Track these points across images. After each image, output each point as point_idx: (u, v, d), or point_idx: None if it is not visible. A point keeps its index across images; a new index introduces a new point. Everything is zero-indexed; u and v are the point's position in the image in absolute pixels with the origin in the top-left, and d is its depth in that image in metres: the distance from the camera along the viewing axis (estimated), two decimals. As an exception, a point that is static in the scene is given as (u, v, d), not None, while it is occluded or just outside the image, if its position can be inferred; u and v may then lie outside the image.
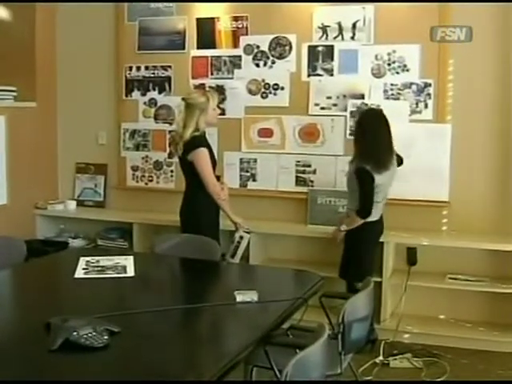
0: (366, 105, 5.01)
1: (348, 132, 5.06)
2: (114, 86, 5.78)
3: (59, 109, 6.02)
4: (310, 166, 5.18)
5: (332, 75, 5.10)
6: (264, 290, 3.13)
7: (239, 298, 2.98)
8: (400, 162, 4.51)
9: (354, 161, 4.34)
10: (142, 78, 5.66)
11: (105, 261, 3.67)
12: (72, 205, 5.90)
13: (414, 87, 4.92)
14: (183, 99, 4.42)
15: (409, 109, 4.95)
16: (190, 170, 4.39)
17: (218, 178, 4.56)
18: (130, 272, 3.48)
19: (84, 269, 3.51)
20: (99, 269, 3.53)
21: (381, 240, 4.73)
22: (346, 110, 5.06)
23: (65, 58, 5.95)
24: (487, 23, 4.76)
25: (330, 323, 3.31)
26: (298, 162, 5.24)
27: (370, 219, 4.36)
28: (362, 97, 5.02)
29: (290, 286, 3.56)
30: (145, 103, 5.67)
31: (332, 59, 5.07)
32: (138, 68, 5.66)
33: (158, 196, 5.68)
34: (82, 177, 6.06)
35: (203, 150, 4.31)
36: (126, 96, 5.72)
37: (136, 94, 5.69)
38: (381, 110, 4.49)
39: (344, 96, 5.07)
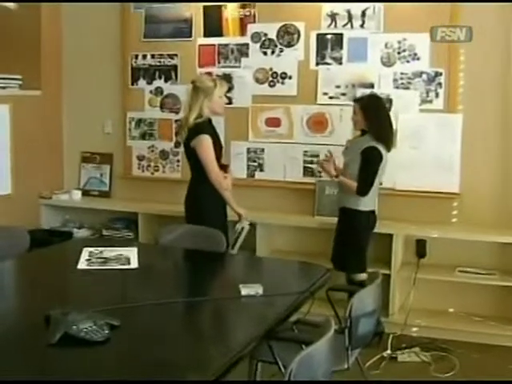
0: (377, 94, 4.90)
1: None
2: (119, 74, 5.71)
3: (64, 97, 5.97)
4: (318, 156, 5.09)
5: (341, 64, 5.01)
6: (269, 282, 3.08)
7: (244, 291, 2.91)
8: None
9: (361, 140, 4.32)
10: (148, 67, 5.58)
11: (108, 252, 3.60)
12: (77, 194, 5.84)
13: (424, 76, 4.83)
14: (192, 82, 4.34)
15: (419, 98, 4.86)
16: (193, 158, 4.30)
17: (226, 167, 4.47)
18: (134, 263, 3.41)
19: (87, 260, 3.44)
20: (102, 260, 3.46)
21: (389, 232, 4.67)
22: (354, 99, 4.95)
23: (70, 47, 5.88)
24: (500, 10, 4.65)
25: (337, 317, 3.24)
26: (306, 152, 5.16)
27: (365, 208, 4.33)
28: (372, 86, 4.93)
29: (296, 278, 3.48)
30: (151, 92, 5.60)
31: (341, 47, 4.98)
32: (144, 56, 5.58)
33: (164, 186, 5.61)
34: (87, 166, 6.00)
35: (205, 137, 4.21)
36: (132, 84, 5.65)
37: (142, 83, 5.62)
38: (379, 95, 4.63)
39: (353, 85, 4.98)
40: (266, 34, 5.16)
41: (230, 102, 5.21)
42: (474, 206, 4.80)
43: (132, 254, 3.58)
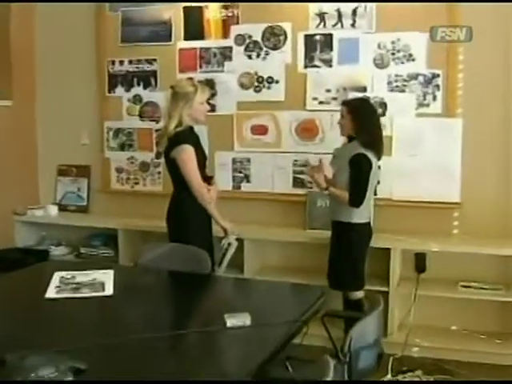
0: (369, 98, 4.59)
1: (346, 128, 4.64)
2: (96, 81, 5.39)
3: (38, 107, 5.65)
4: (308, 165, 4.75)
5: (331, 66, 4.70)
6: (258, 310, 2.79)
7: (230, 322, 2.59)
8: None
9: (349, 147, 4.04)
10: (126, 73, 5.26)
11: (81, 276, 3.29)
12: (53, 210, 5.51)
13: (420, 78, 4.52)
14: (171, 87, 4.03)
15: (415, 102, 4.55)
16: (174, 169, 3.99)
17: (210, 178, 4.16)
18: (109, 290, 3.10)
19: (57, 287, 3.13)
20: (74, 286, 3.14)
21: (386, 246, 4.36)
22: (346, 104, 4.64)
23: (43, 53, 5.57)
24: (500, 8, 4.34)
25: (334, 345, 2.91)
26: (296, 161, 4.84)
27: (359, 220, 4.04)
28: (364, 89, 4.62)
29: (288, 304, 3.13)
30: (129, 100, 5.27)
31: (331, 49, 4.67)
32: (122, 62, 5.26)
33: (145, 200, 5.28)
34: (63, 180, 5.67)
35: (186, 147, 3.90)
36: (109, 92, 5.33)
37: (120, 90, 5.29)
38: (369, 99, 4.42)
39: (344, 89, 4.66)
40: (250, 36, 4.85)
41: (213, 110, 4.90)
42: (476, 216, 4.49)
43: (107, 278, 3.28)
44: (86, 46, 5.37)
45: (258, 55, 4.84)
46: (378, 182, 4.52)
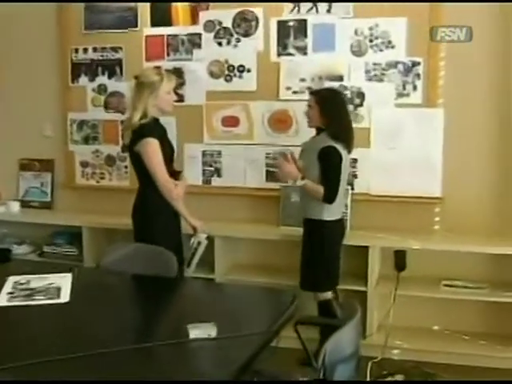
0: (346, 88, 4.36)
1: (325, 119, 4.40)
2: (58, 71, 5.08)
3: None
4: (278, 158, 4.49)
5: (305, 54, 4.44)
6: (226, 318, 2.59)
7: (193, 333, 2.37)
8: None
9: (317, 140, 3.84)
10: (90, 62, 4.96)
11: (36, 281, 3.06)
12: (15, 206, 5.22)
13: (400, 66, 4.28)
14: (135, 77, 3.79)
15: (394, 91, 4.31)
16: (138, 164, 3.75)
17: (178, 173, 3.92)
18: (65, 296, 2.88)
19: (9, 293, 2.91)
20: (27, 292, 2.91)
21: (364, 244, 4.14)
22: (322, 93, 4.39)
23: (2, 41, 5.21)
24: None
25: (307, 354, 2.70)
26: (269, 154, 4.59)
27: (331, 217, 3.84)
28: (341, 78, 4.38)
29: (258, 311, 2.87)
30: (93, 90, 4.98)
31: (305, 36, 4.41)
32: (85, 50, 4.96)
33: (112, 195, 5.01)
34: (26, 174, 5.37)
35: (151, 140, 3.66)
36: (73, 82, 5.03)
37: (83, 80, 5.00)
38: (338, 89, 4.20)
39: (320, 78, 4.41)
40: (220, 23, 4.58)
41: (182, 100, 4.67)
42: (458, 211, 4.27)
43: (65, 282, 3.06)
44: (47, 34, 5.04)
45: (229, 42, 4.57)
46: (355, 176, 4.34)
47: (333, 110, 3.81)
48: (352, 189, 4.37)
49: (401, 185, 4.33)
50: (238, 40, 4.55)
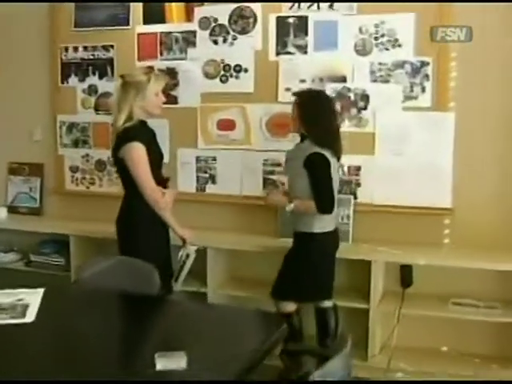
0: (349, 90, 4.05)
1: (327, 123, 4.10)
2: (47, 70, 4.82)
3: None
4: (280, 165, 4.20)
5: (306, 53, 4.14)
6: (201, 346, 2.32)
7: (160, 364, 2.09)
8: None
9: (302, 148, 3.55)
10: (80, 61, 4.70)
11: (4, 297, 2.83)
12: (2, 212, 4.99)
13: (407, 67, 3.96)
14: (121, 76, 3.54)
15: (401, 94, 3.99)
16: (123, 171, 3.51)
17: (166, 181, 3.65)
18: (30, 316, 2.63)
19: (-29, 309, 2.65)
20: (-8, 310, 2.66)
21: (367, 258, 3.83)
22: (323, 95, 4.09)
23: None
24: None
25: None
26: (266, 160, 4.29)
27: (322, 229, 3.55)
28: (344, 79, 4.07)
29: (243, 339, 2.55)
30: (84, 91, 4.72)
31: (306, 33, 4.11)
32: (76, 49, 4.70)
33: (102, 202, 4.72)
34: (15, 179, 5.11)
35: (136, 145, 3.40)
36: (62, 82, 4.77)
37: (73, 80, 4.74)
38: (324, 91, 3.86)
39: (321, 79, 4.11)
40: (216, 20, 4.29)
41: (175, 102, 4.39)
42: (469, 223, 3.94)
43: (34, 299, 2.82)
44: (38, 30, 4.79)
45: (225, 40, 4.29)
46: (359, 185, 4.06)
47: (315, 113, 3.51)
48: (355, 198, 4.07)
49: (407, 194, 4.01)
50: (235, 38, 4.26)
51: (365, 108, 4.03)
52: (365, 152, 4.01)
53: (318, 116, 3.51)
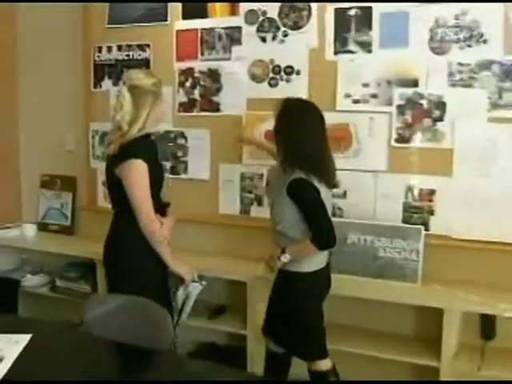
0: (422, 96, 3.32)
1: (394, 136, 3.39)
2: (80, 73, 4.30)
3: (21, 105, 4.66)
4: (337, 186, 3.52)
5: (370, 52, 3.43)
6: None
7: None
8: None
9: (284, 172, 2.86)
10: (115, 62, 4.15)
11: None
12: (31, 230, 4.51)
13: (495, 68, 3.19)
14: (130, 81, 2.95)
15: (487, 101, 3.22)
16: (117, 191, 2.94)
17: (166, 206, 3.10)
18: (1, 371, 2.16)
19: None
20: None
21: (439, 306, 3.08)
22: (390, 103, 3.39)
23: (26, 40, 4.56)
24: None
25: None
26: (322, 179, 3.59)
27: (309, 269, 2.91)
28: (415, 83, 3.35)
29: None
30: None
31: (370, 28, 3.41)
32: (109, 48, 4.16)
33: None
34: (47, 193, 4.62)
35: (139, 164, 2.85)
36: (95, 87, 4.23)
37: (107, 84, 4.21)
38: (312, 102, 3.04)
39: (388, 82, 3.40)
40: (264, 13, 3.65)
41: (218, 109, 3.78)
42: None
43: (15, 349, 2.37)
44: (68, 28, 4.31)
45: (274, 37, 3.63)
46: (431, 213, 3.39)
47: (289, 132, 2.83)
48: (426, 229, 3.33)
49: (493, 226, 3.24)
50: (286, 34, 3.60)
51: (441, 118, 3.30)
52: (440, 172, 3.30)
53: (292, 135, 2.82)
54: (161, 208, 3.00)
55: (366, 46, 3.42)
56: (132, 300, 2.77)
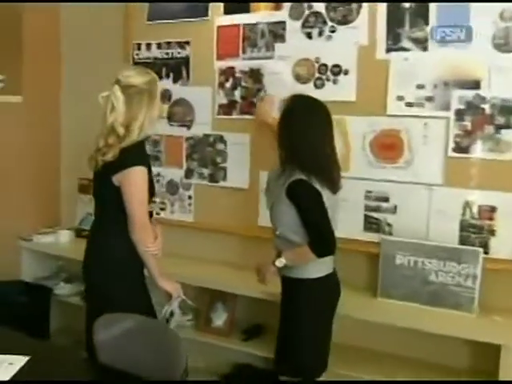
0: (484, 99, 2.91)
1: (451, 145, 2.99)
2: (121, 72, 4.03)
3: (63, 106, 4.47)
4: (387, 199, 3.16)
5: (426, 49, 3.04)
6: None
7: None
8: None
9: (284, 173, 2.65)
10: (154, 61, 3.89)
11: None
12: (65, 236, 4.31)
13: None
14: (124, 80, 2.74)
15: None
16: (110, 197, 2.71)
17: (151, 214, 2.84)
18: None
19: None
20: None
21: (496, 342, 2.71)
22: (448, 107, 2.99)
23: (69, 38, 4.39)
24: None
25: None
26: (370, 192, 3.23)
27: (316, 274, 2.66)
28: (477, 85, 2.94)
29: None
30: (156, 97, 3.89)
31: (426, 22, 3.02)
32: (148, 46, 3.90)
33: (172, 232, 3.87)
34: (85, 198, 4.38)
35: (141, 171, 2.66)
36: (134, 86, 3.97)
37: (146, 84, 3.93)
38: (320, 101, 2.73)
39: (445, 84, 3.00)
40: (310, 6, 3.31)
41: (257, 113, 3.45)
42: None
43: (8, 370, 2.16)
44: (112, 26, 4.09)
45: (321, 33, 3.29)
46: (492, 233, 2.95)
47: (293, 128, 2.61)
48: (485, 252, 2.91)
49: None
50: (333, 30, 3.25)
51: (506, 126, 2.88)
52: (503, 187, 2.90)
53: (296, 132, 2.60)
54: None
55: (422, 43, 3.04)
56: (143, 321, 2.54)
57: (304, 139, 2.60)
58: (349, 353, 3.17)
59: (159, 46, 3.85)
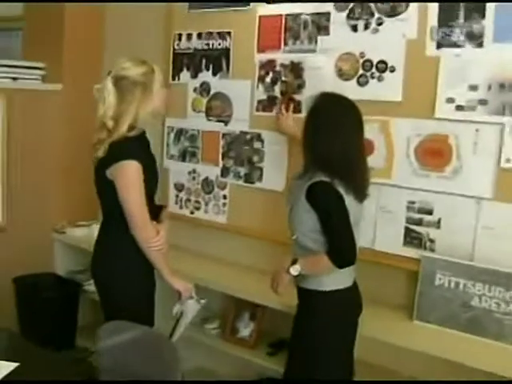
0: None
1: (505, 156, 2.65)
2: (160, 63, 3.86)
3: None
4: (430, 212, 2.85)
5: (481, 46, 2.70)
6: None
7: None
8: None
9: (306, 174, 2.46)
10: (194, 52, 3.69)
11: None
12: (96, 230, 4.13)
13: None
14: (115, 72, 2.60)
15: None
16: (109, 194, 2.58)
17: (160, 209, 2.80)
18: None
19: None
20: None
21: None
22: (503, 112, 2.65)
23: (112, 27, 4.28)
24: None
25: None
26: (413, 203, 2.92)
27: (334, 286, 2.45)
28: (537, 88, 2.59)
29: None
30: (195, 90, 3.71)
31: (483, 15, 2.69)
32: (189, 36, 3.70)
33: (206, 232, 3.76)
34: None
35: (133, 165, 2.52)
36: (173, 79, 3.80)
37: (185, 76, 3.77)
38: (352, 101, 2.55)
39: (501, 86, 2.66)
40: (357, -5, 3.02)
41: (299, 110, 3.21)
42: None
43: None
44: (156, 13, 3.93)
45: (367, 26, 3.00)
46: None
47: (319, 127, 2.42)
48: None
49: None
50: (380, 22, 2.96)
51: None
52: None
53: (322, 130, 2.41)
54: (155, 212, 2.65)
55: (477, 39, 2.70)
56: (146, 332, 2.37)
57: (332, 139, 2.40)
58: (374, 373, 2.88)
59: (200, 36, 3.64)
